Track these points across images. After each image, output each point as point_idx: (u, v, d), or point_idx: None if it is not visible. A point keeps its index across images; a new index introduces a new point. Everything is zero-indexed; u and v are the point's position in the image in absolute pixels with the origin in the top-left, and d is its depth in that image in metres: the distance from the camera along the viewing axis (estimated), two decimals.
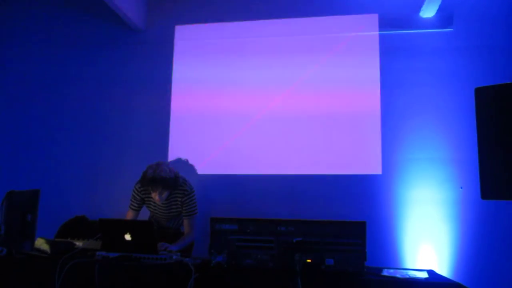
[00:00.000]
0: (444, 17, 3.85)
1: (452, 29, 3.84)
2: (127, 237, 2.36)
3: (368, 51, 3.94)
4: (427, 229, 3.63)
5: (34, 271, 2.28)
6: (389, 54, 3.90)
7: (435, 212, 3.64)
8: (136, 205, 3.12)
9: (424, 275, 2.20)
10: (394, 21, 3.93)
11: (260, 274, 2.16)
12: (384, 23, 3.95)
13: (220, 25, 4.22)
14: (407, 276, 2.15)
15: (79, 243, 2.68)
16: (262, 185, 3.90)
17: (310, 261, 2.15)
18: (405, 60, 3.87)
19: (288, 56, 4.07)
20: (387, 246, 3.63)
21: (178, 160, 4.01)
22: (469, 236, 3.57)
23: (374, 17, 3.98)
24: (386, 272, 2.22)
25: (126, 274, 2.20)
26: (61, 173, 4.22)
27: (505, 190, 2.03)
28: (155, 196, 2.95)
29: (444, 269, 3.52)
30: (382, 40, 3.94)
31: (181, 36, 4.29)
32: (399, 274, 2.18)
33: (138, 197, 3.10)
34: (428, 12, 3.80)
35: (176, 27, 4.30)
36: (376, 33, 3.96)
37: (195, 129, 4.12)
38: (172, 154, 4.09)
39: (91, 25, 4.43)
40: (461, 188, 3.63)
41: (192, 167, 4.02)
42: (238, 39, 4.17)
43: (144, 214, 3.32)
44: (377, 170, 3.78)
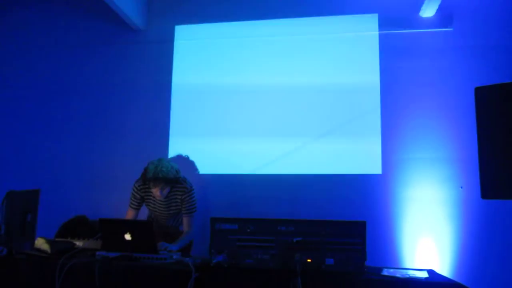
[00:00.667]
0: (444, 17, 3.85)
1: (452, 29, 3.84)
2: (127, 237, 2.36)
3: (368, 51, 3.95)
4: (427, 229, 3.63)
5: (34, 271, 2.28)
6: (389, 54, 3.91)
7: (435, 212, 3.64)
8: (136, 204, 3.12)
9: (424, 275, 2.20)
10: (394, 21, 3.93)
11: (260, 274, 2.16)
12: (384, 23, 3.95)
13: (220, 25, 4.22)
14: (407, 276, 2.15)
15: (79, 243, 2.68)
16: (262, 185, 3.90)
17: (310, 261, 2.15)
18: (405, 60, 3.87)
19: (288, 56, 4.07)
20: (387, 246, 3.63)
21: (178, 160, 4.01)
22: (469, 236, 3.57)
23: (374, 17, 3.98)
24: (386, 272, 2.22)
25: (126, 274, 2.20)
26: (61, 173, 4.22)
27: (505, 190, 2.03)
28: (156, 192, 2.96)
29: (444, 269, 3.52)
30: (382, 40, 3.94)
31: (181, 36, 4.29)
32: (399, 274, 2.18)
33: (138, 196, 3.11)
34: (428, 12, 3.80)
35: (176, 27, 4.30)
36: (376, 33, 3.96)
37: (195, 129, 4.12)
38: (172, 154, 4.09)
39: (91, 25, 4.43)
40: (461, 188, 3.63)
41: (192, 167, 4.02)
42: (238, 39, 4.18)
43: (144, 214, 3.32)
44: (377, 170, 3.78)
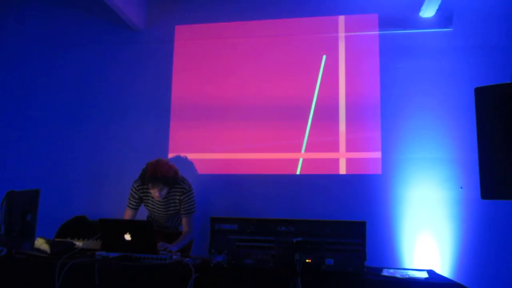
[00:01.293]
0: (444, 17, 3.85)
1: (452, 29, 3.84)
2: (127, 237, 2.36)
3: (368, 51, 3.95)
4: (427, 229, 3.63)
5: (34, 271, 2.28)
6: (389, 54, 3.91)
7: (435, 212, 3.64)
8: (135, 204, 3.12)
9: (424, 275, 2.20)
10: (394, 21, 3.93)
11: (260, 274, 2.16)
12: (384, 23, 3.95)
13: (220, 25, 4.22)
14: (407, 276, 2.15)
15: (79, 243, 2.68)
16: (262, 185, 3.90)
17: (310, 261, 2.15)
18: (405, 60, 3.87)
19: (288, 56, 4.08)
20: (387, 246, 3.63)
21: (178, 160, 4.01)
22: (469, 236, 3.57)
23: (374, 17, 3.98)
24: (386, 272, 2.22)
25: (126, 274, 2.19)
26: (61, 173, 4.22)
27: (505, 190, 2.03)
28: (155, 193, 2.96)
29: (444, 269, 3.52)
30: (382, 40, 3.94)
31: (181, 36, 4.29)
32: (399, 274, 2.18)
33: (137, 196, 3.11)
34: (428, 12, 3.80)
35: (176, 27, 4.30)
36: (376, 33, 3.96)
37: (195, 129, 4.12)
38: (172, 154, 4.09)
39: (91, 25, 4.43)
40: (461, 188, 3.63)
41: (192, 167, 4.02)
42: (238, 39, 4.18)
43: (143, 215, 3.32)
44: (377, 170, 3.79)
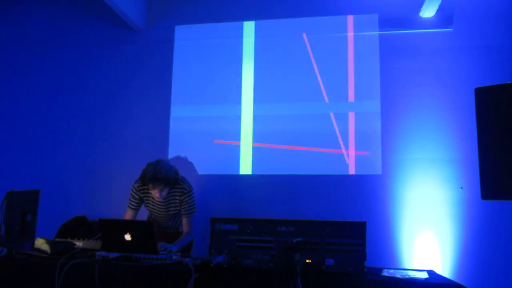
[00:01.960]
0: (444, 17, 3.85)
1: (452, 29, 3.84)
2: (127, 237, 2.36)
3: (368, 51, 3.95)
4: (427, 229, 3.63)
5: (34, 271, 2.28)
6: (389, 54, 3.91)
7: (435, 213, 3.64)
8: (135, 204, 3.12)
9: (424, 276, 2.20)
10: (394, 21, 3.93)
11: (260, 274, 2.16)
12: (384, 23, 3.95)
13: (220, 25, 4.22)
14: (407, 277, 2.15)
15: (79, 243, 2.68)
16: (262, 185, 3.91)
17: (310, 261, 2.15)
18: (405, 60, 3.87)
19: (288, 56, 4.07)
20: (387, 247, 3.63)
21: (178, 161, 4.01)
22: (470, 237, 3.57)
23: (374, 17, 3.98)
24: (386, 273, 2.22)
25: (126, 275, 2.19)
26: (61, 173, 4.22)
27: (505, 191, 2.03)
28: (155, 194, 2.95)
29: (444, 270, 3.52)
30: (382, 40, 3.94)
31: (181, 36, 4.29)
32: (399, 275, 2.18)
33: (137, 196, 3.10)
34: (428, 12, 3.80)
35: (176, 27, 4.30)
36: (376, 33, 3.96)
37: (195, 129, 4.12)
38: (172, 154, 4.09)
39: (91, 25, 4.43)
40: (461, 189, 3.63)
41: (192, 167, 4.02)
42: (238, 39, 4.17)
43: (143, 215, 3.32)
44: (377, 170, 3.78)
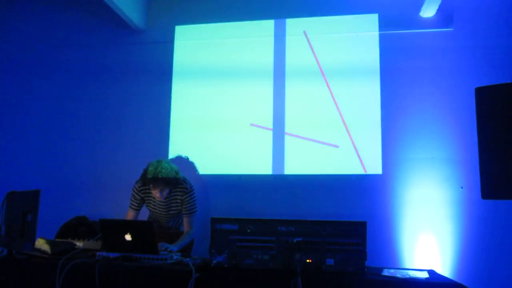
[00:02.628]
0: (444, 17, 3.85)
1: (452, 29, 3.84)
2: (128, 237, 2.36)
3: (368, 51, 3.95)
4: (427, 229, 3.63)
5: (35, 272, 2.28)
6: (389, 54, 3.91)
7: (436, 212, 3.64)
8: (136, 205, 3.12)
9: (425, 275, 2.20)
10: (394, 21, 3.93)
11: (261, 274, 2.16)
12: (384, 23, 3.95)
13: (220, 25, 4.22)
14: (408, 276, 2.15)
15: (80, 244, 2.68)
16: (262, 185, 3.90)
17: (311, 261, 2.15)
18: (405, 60, 3.87)
19: (288, 56, 4.07)
20: (388, 246, 3.63)
21: (178, 161, 4.01)
22: (470, 236, 3.57)
23: (374, 17, 3.98)
24: (387, 272, 2.22)
25: (127, 275, 2.19)
26: (62, 174, 4.22)
27: (506, 190, 2.03)
28: (156, 194, 2.96)
29: (445, 269, 3.52)
30: (382, 40, 3.94)
31: (181, 36, 4.29)
32: (400, 274, 2.18)
33: (138, 197, 3.10)
34: (428, 12, 3.80)
35: (176, 27, 4.30)
36: (376, 33, 3.96)
37: (195, 129, 4.11)
38: (173, 154, 4.09)
39: (91, 25, 4.44)
40: (462, 188, 3.63)
41: (192, 167, 4.02)
42: (238, 39, 4.17)
43: (144, 215, 3.32)
44: (377, 170, 3.78)
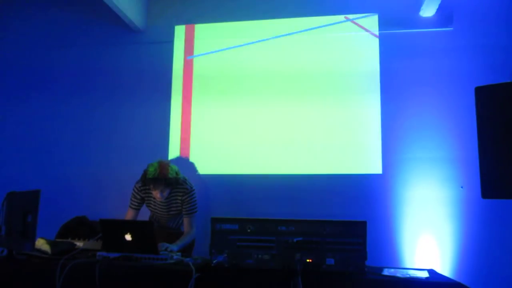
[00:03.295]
0: (444, 17, 3.85)
1: (452, 29, 3.84)
2: (128, 238, 2.36)
3: (368, 51, 3.95)
4: (428, 229, 3.63)
5: (35, 272, 2.28)
6: (389, 54, 3.91)
7: (436, 212, 3.64)
8: (136, 204, 3.12)
9: (425, 275, 2.20)
10: (394, 21, 3.93)
11: (261, 274, 2.16)
12: (384, 23, 3.95)
13: (220, 25, 4.22)
14: (408, 276, 2.15)
15: (80, 244, 2.68)
16: (262, 185, 3.90)
17: (311, 261, 2.15)
18: (405, 60, 3.87)
19: (288, 56, 4.07)
20: (388, 246, 3.63)
21: (178, 161, 4.01)
22: (470, 236, 3.57)
23: (374, 17, 3.98)
24: (387, 272, 2.22)
25: (127, 275, 2.20)
26: (62, 174, 4.22)
27: (506, 189, 2.03)
28: (157, 194, 2.96)
29: (445, 269, 3.52)
30: (382, 40, 3.94)
31: (181, 36, 4.29)
32: (400, 274, 2.18)
33: (138, 196, 3.11)
34: (428, 12, 3.80)
35: (176, 27, 4.30)
36: (376, 33, 3.96)
37: (195, 129, 4.11)
38: (172, 154, 4.09)
39: (91, 25, 4.43)
40: (462, 188, 3.63)
41: (192, 167, 4.02)
42: (239, 39, 4.17)
43: (145, 215, 3.32)
44: (378, 170, 3.78)
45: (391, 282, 2.10)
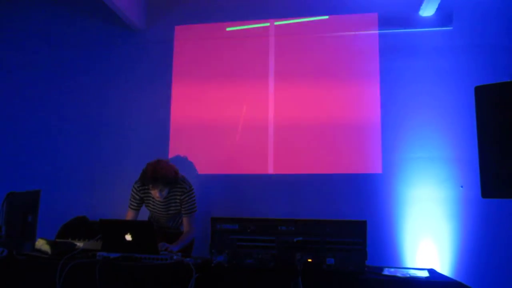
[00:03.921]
0: (444, 16, 3.85)
1: (452, 28, 3.84)
2: (128, 238, 2.36)
3: (368, 50, 3.95)
4: (428, 228, 3.63)
5: (35, 272, 2.28)
6: (389, 53, 3.91)
7: (436, 211, 3.64)
8: (136, 205, 3.12)
9: (425, 274, 2.20)
10: (394, 20, 3.93)
11: (261, 274, 2.16)
12: (384, 22, 3.95)
13: (220, 25, 4.22)
14: (408, 275, 2.15)
15: (80, 244, 2.67)
16: (262, 185, 3.91)
17: (311, 261, 2.15)
18: (405, 59, 3.87)
19: (288, 56, 4.07)
20: (388, 245, 3.63)
21: (178, 160, 4.01)
22: (470, 235, 3.57)
23: (374, 16, 3.98)
24: (387, 271, 2.23)
25: (127, 275, 2.20)
26: (62, 174, 4.22)
27: (505, 189, 2.03)
28: (155, 194, 2.95)
29: (445, 268, 3.52)
30: (382, 39, 3.94)
31: (181, 36, 4.29)
32: (400, 273, 2.18)
33: (137, 197, 3.10)
34: (428, 11, 3.80)
35: (176, 27, 4.30)
36: (376, 32, 3.96)
37: (195, 129, 4.11)
38: (172, 154, 4.09)
39: (91, 26, 4.43)
40: (462, 187, 3.63)
41: (192, 167, 4.02)
42: (238, 39, 4.17)
43: (144, 215, 3.32)
44: (378, 169, 3.79)
45: (391, 282, 2.10)
